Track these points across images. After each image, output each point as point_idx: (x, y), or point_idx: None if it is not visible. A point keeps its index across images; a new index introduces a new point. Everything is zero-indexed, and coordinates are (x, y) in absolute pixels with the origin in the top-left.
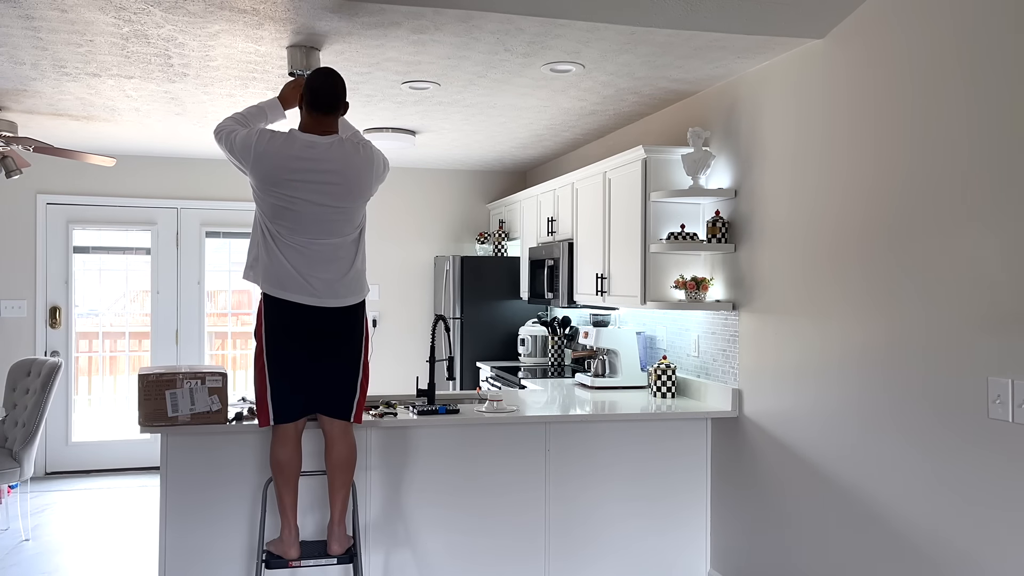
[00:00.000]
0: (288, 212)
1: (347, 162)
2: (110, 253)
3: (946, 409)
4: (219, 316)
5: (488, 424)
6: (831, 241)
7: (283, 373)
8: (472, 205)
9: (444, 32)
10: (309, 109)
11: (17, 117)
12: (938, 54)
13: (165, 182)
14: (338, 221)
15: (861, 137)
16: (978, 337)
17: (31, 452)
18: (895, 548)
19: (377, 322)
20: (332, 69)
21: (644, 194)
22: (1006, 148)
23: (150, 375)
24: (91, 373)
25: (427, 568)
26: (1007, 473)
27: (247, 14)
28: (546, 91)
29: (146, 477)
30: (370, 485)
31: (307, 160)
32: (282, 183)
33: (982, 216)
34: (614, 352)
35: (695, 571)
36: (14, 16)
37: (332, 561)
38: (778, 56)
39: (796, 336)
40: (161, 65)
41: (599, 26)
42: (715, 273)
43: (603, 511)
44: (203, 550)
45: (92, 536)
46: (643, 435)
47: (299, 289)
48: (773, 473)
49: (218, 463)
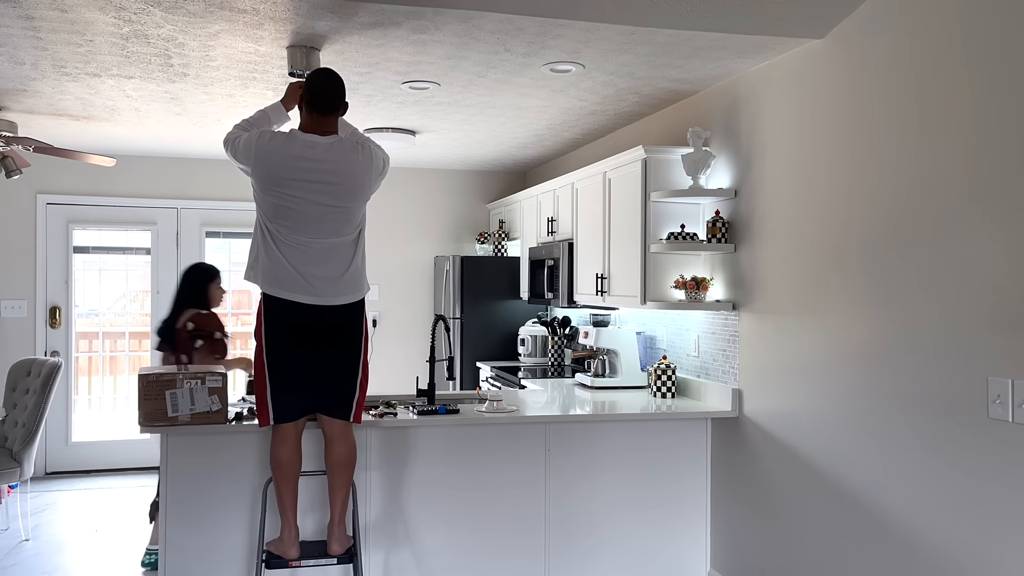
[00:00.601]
0: (288, 211)
1: (347, 162)
2: (110, 253)
3: (946, 409)
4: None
5: (488, 424)
6: (831, 241)
7: (282, 373)
8: (472, 205)
9: (444, 32)
10: (309, 109)
11: (17, 117)
12: (938, 54)
13: (165, 182)
14: (338, 220)
15: (861, 137)
16: (978, 337)
17: (31, 452)
18: (895, 547)
19: (377, 322)
20: (331, 70)
21: (644, 194)
22: (1006, 148)
23: (150, 375)
24: (91, 373)
25: (427, 568)
26: (1007, 473)
27: (247, 14)
28: (546, 91)
29: (146, 477)
30: (370, 485)
31: (307, 160)
32: (282, 183)
33: (982, 216)
34: (614, 352)
35: (695, 571)
36: (14, 16)
37: (332, 561)
38: (778, 56)
39: (796, 336)
40: (161, 65)
41: (599, 26)
42: (715, 273)
43: (603, 511)
44: (203, 550)
45: (92, 536)
46: (643, 435)
47: (298, 288)
48: (773, 473)
49: (218, 463)
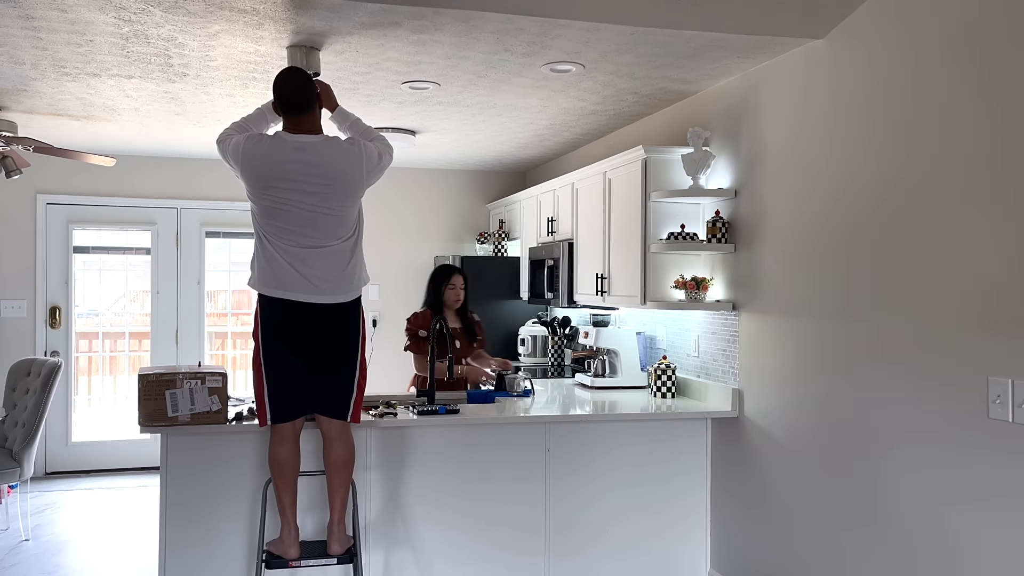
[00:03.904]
0: (280, 213)
1: (336, 162)
2: (110, 253)
3: (946, 409)
4: (219, 316)
5: (488, 424)
6: (831, 241)
7: (280, 373)
8: (472, 205)
9: (444, 32)
10: (283, 114)
11: (17, 117)
12: (939, 54)
13: (165, 182)
14: (330, 220)
15: (861, 137)
16: (978, 337)
17: (31, 452)
18: (895, 547)
19: (377, 322)
20: (293, 68)
21: (644, 194)
22: (1006, 148)
23: (150, 375)
24: (91, 373)
25: (427, 568)
26: (1007, 473)
27: (247, 14)
28: (546, 91)
29: (146, 477)
30: (370, 485)
31: (295, 163)
32: (271, 186)
33: (982, 216)
34: (614, 352)
35: (695, 571)
36: (14, 16)
37: (332, 561)
38: (778, 56)
39: (796, 336)
40: (161, 65)
41: (599, 26)
42: (715, 273)
43: (603, 511)
44: (203, 550)
45: (92, 536)
46: (643, 435)
47: (293, 287)
48: (773, 473)
49: (218, 463)
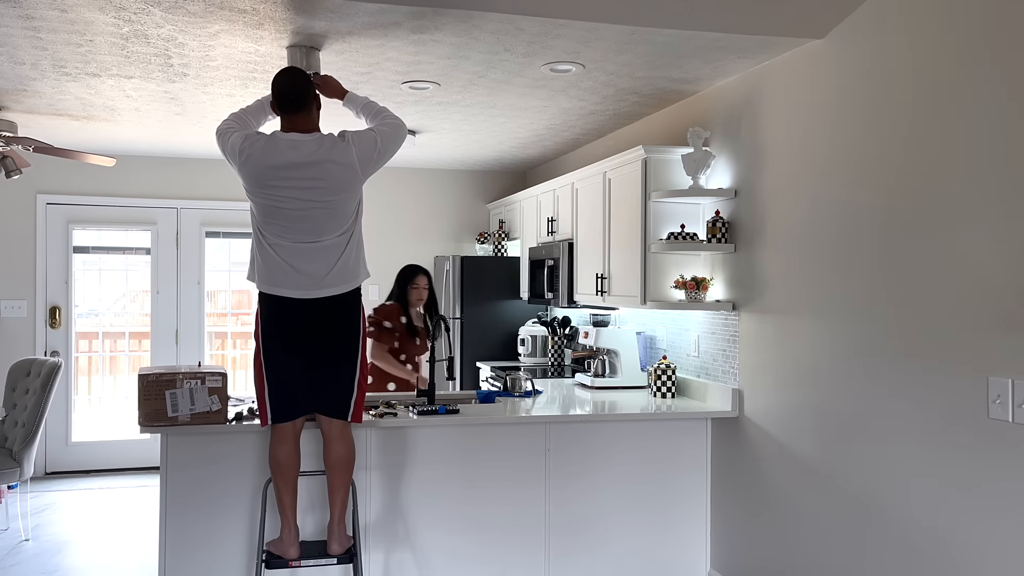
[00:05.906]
0: (276, 211)
1: (329, 159)
2: (110, 253)
3: (946, 409)
4: (219, 316)
5: (488, 424)
6: (831, 241)
7: (280, 372)
8: (472, 205)
9: (444, 32)
10: (279, 112)
11: (17, 117)
12: (938, 54)
13: (165, 182)
14: (325, 217)
15: (861, 137)
16: (978, 337)
17: (31, 452)
18: (895, 548)
19: None
20: (292, 67)
21: (644, 194)
22: (1006, 148)
23: (150, 375)
24: (91, 373)
25: (427, 568)
26: (1007, 473)
27: (247, 14)
28: (546, 91)
29: (146, 477)
30: (370, 485)
31: (288, 161)
32: (268, 185)
33: (982, 216)
34: (614, 352)
35: (695, 571)
36: (14, 16)
37: (332, 561)
38: (778, 56)
39: (796, 336)
40: (161, 65)
41: (599, 26)
42: (715, 273)
43: (603, 511)
44: (203, 550)
45: (92, 536)
46: (643, 435)
47: (289, 283)
48: (773, 473)
49: (218, 463)
